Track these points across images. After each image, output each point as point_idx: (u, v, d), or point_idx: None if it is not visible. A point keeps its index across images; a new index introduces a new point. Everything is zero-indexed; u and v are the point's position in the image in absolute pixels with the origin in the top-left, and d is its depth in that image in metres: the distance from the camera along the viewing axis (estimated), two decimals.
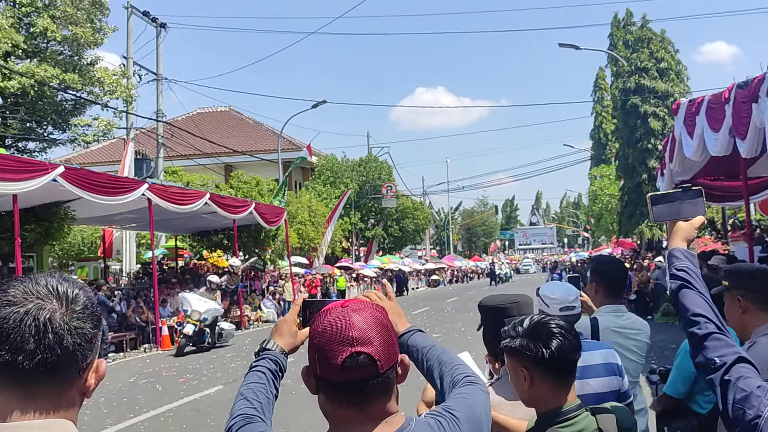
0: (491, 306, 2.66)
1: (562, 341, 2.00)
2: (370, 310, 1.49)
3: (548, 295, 3.24)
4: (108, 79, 24.90)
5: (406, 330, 1.85)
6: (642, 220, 24.27)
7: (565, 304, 3.22)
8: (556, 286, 3.29)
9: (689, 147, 13.95)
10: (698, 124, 12.97)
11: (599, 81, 51.24)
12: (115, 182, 16.08)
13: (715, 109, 11.98)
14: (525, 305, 2.62)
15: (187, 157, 35.24)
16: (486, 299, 2.74)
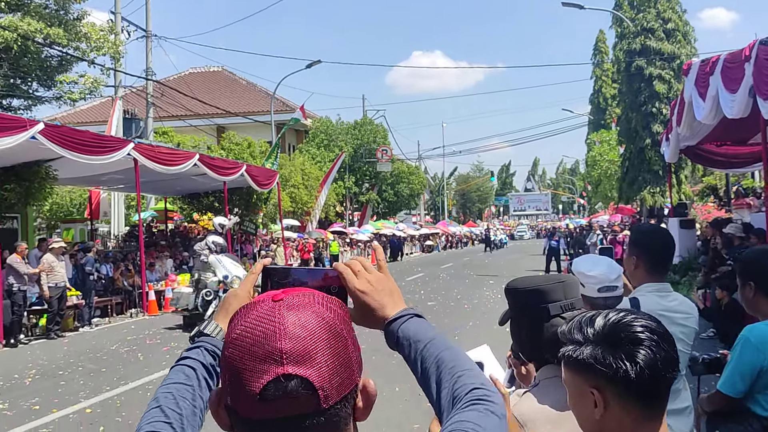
0: (527, 288, 1.99)
1: (654, 353, 1.35)
2: (316, 307, 0.99)
3: (584, 272, 2.63)
4: (95, 35, 23.97)
5: (398, 314, 1.30)
6: (644, 186, 23.65)
7: (606, 283, 2.61)
8: (595, 260, 2.68)
9: (701, 109, 13.33)
10: (712, 85, 12.32)
11: (599, 44, 50.19)
12: (98, 141, 15.36)
13: (732, 69, 11.32)
14: (572, 286, 1.99)
15: (179, 117, 34.41)
16: (517, 281, 2.05)
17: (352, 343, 1.00)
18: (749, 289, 2.86)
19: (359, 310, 1.33)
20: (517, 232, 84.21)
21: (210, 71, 46.58)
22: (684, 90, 14.92)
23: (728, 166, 20.35)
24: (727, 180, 24.01)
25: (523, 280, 2.04)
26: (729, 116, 11.44)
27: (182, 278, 19.45)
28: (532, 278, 2.03)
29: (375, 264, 1.41)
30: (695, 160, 21.30)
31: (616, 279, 2.60)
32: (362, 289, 1.32)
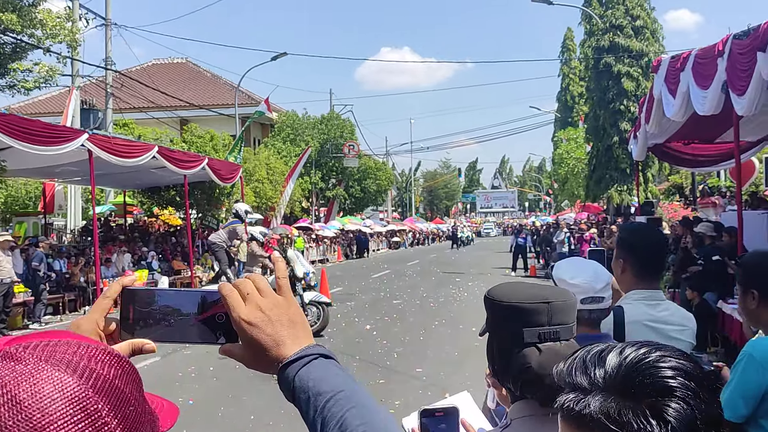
0: (504, 303, 1.61)
1: (691, 407, 0.88)
2: (68, 367, 0.64)
3: (566, 280, 2.23)
4: (51, 22, 23.05)
5: (297, 354, 0.97)
6: (611, 184, 23.56)
7: (590, 293, 2.22)
8: (579, 266, 2.28)
9: (671, 106, 13.09)
10: (683, 81, 12.08)
11: (567, 42, 50.32)
12: (50, 131, 14.62)
13: (704, 65, 11.09)
14: (562, 310, 1.58)
15: (140, 109, 33.55)
16: (499, 289, 1.64)
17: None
18: (752, 298, 2.49)
19: (247, 349, 0.98)
20: (483, 229, 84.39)
21: (173, 63, 45.64)
22: (653, 87, 14.71)
23: (695, 165, 20.30)
24: (693, 179, 24.04)
25: (504, 290, 1.64)
26: (700, 113, 11.20)
27: (139, 274, 18.81)
28: (516, 289, 1.63)
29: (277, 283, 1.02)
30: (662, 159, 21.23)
31: (603, 288, 2.21)
32: (250, 319, 0.97)
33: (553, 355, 1.53)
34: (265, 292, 1.01)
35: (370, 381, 8.03)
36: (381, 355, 9.64)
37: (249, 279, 1.03)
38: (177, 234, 24.45)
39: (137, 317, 0.99)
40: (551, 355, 1.53)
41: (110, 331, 0.98)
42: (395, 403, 7.03)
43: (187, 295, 1.02)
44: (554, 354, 1.53)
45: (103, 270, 17.50)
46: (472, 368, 8.60)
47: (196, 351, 10.20)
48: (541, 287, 1.64)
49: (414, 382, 7.95)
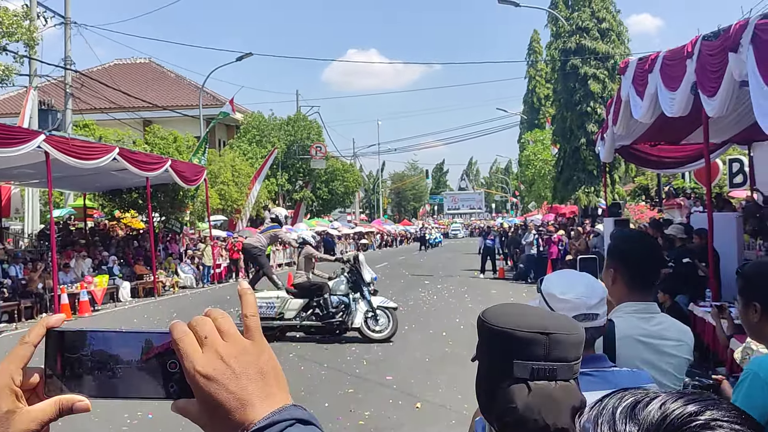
0: (496, 328, 1.36)
1: None
2: None
3: (556, 295, 2.00)
4: (7, 20, 22.43)
5: (269, 419, 0.72)
6: (579, 185, 23.61)
7: (583, 310, 1.98)
8: (571, 279, 2.05)
9: (638, 108, 13.06)
10: (651, 83, 12.04)
11: (534, 44, 50.59)
12: (4, 132, 14.09)
13: (672, 66, 11.03)
14: (564, 342, 1.33)
15: (102, 110, 32.82)
16: (494, 311, 1.41)
17: None
18: (753, 311, 2.29)
19: (204, 406, 0.74)
20: (451, 231, 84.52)
21: (136, 63, 44.81)
22: (620, 89, 14.71)
23: (661, 167, 20.42)
24: (659, 180, 24.21)
25: (499, 312, 1.40)
26: (668, 114, 11.15)
27: (99, 280, 18.30)
28: (513, 312, 1.38)
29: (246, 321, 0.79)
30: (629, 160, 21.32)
31: (597, 304, 1.98)
32: (208, 371, 0.74)
33: (545, 397, 1.29)
34: (229, 335, 0.78)
35: (338, 390, 7.77)
36: (350, 362, 9.38)
37: (210, 316, 0.79)
38: (139, 238, 23.88)
39: (67, 366, 0.76)
40: (542, 397, 1.29)
41: (31, 385, 0.76)
42: (365, 414, 6.77)
43: (129, 337, 0.79)
44: (546, 396, 1.29)
45: (61, 276, 16.97)
46: (443, 375, 8.40)
47: None
48: (544, 314, 1.39)
49: (384, 391, 7.70)
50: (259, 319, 0.83)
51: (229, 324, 0.80)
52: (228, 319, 0.80)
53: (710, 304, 7.72)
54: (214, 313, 0.81)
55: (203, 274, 24.35)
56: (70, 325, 0.79)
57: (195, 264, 24.27)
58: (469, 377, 6.19)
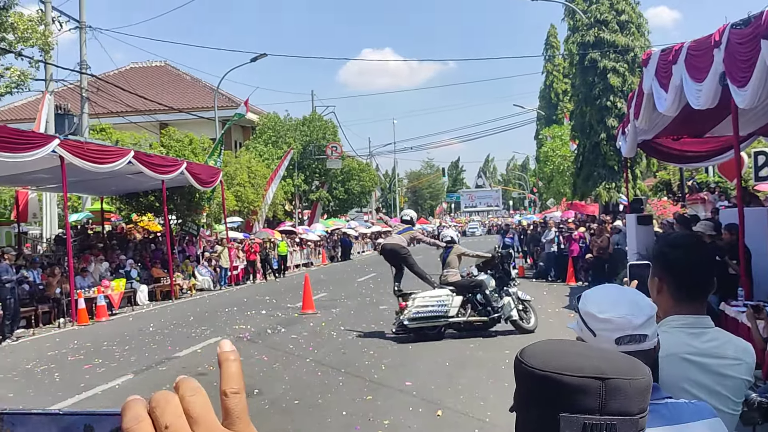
0: (541, 373, 1.07)
1: None
2: None
3: (595, 314, 1.72)
4: (22, 25, 22.45)
5: None
6: (599, 181, 23.17)
7: (628, 331, 1.70)
8: (613, 296, 1.76)
9: (663, 101, 12.70)
10: (675, 75, 11.68)
11: (551, 39, 50.02)
12: (18, 137, 14.02)
13: (697, 56, 10.68)
14: (626, 390, 1.05)
15: (118, 114, 32.85)
16: (535, 349, 1.13)
17: None
18: None
19: None
20: (468, 229, 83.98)
21: (152, 66, 44.90)
22: (642, 81, 14.35)
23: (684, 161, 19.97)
24: (681, 175, 23.74)
25: (540, 351, 1.12)
26: (695, 107, 10.81)
27: (117, 283, 18.21)
28: (559, 350, 1.11)
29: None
30: (651, 155, 20.91)
31: (644, 324, 1.70)
32: None
33: None
34: (201, 424, 0.57)
35: (356, 398, 7.53)
36: (368, 367, 9.14)
37: (179, 392, 0.59)
38: (156, 241, 23.81)
39: None
40: None
41: None
42: (384, 423, 6.53)
43: (62, 421, 0.58)
44: None
45: (79, 280, 16.89)
46: (464, 380, 8.14)
47: (174, 367, 9.67)
48: (599, 354, 1.11)
49: (404, 398, 7.44)
50: (245, 397, 0.59)
51: (202, 406, 0.57)
52: (201, 398, 0.57)
53: (743, 304, 7.39)
54: (184, 387, 0.58)
55: (220, 276, 24.22)
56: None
57: (212, 266, 24.16)
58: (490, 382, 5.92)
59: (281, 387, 8.13)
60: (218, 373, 0.61)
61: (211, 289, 23.01)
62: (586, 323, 1.73)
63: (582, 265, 19.51)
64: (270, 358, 9.96)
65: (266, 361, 9.76)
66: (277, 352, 10.46)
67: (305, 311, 15.08)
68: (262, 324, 13.75)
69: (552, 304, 15.36)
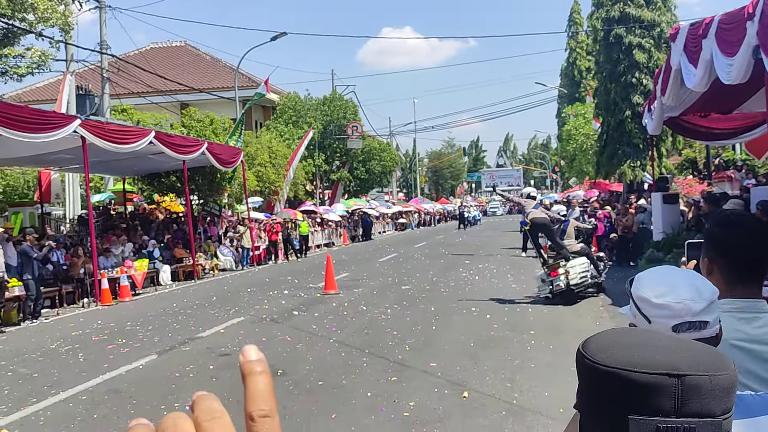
0: (606, 368, 0.94)
1: None
2: None
3: (650, 299, 1.59)
4: (42, 6, 22.44)
5: None
6: (624, 160, 22.81)
7: (687, 317, 1.56)
8: (670, 278, 1.62)
9: (692, 76, 12.42)
10: (705, 49, 11.40)
11: (574, 15, 49.30)
12: (39, 117, 14.01)
13: (729, 30, 10.39)
14: (706, 387, 0.92)
15: (139, 94, 32.91)
16: (600, 341, 1.00)
17: None
18: None
19: None
20: (490, 209, 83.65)
21: (172, 46, 44.90)
22: (670, 57, 14.03)
23: (711, 138, 19.62)
24: (708, 152, 23.33)
25: (607, 344, 0.98)
26: (726, 82, 10.53)
27: (140, 264, 18.28)
28: (628, 342, 0.97)
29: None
30: (677, 132, 20.52)
31: (704, 309, 1.56)
32: None
33: None
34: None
35: (381, 379, 7.46)
36: (392, 347, 9.05)
37: (196, 413, 0.52)
38: (179, 221, 23.88)
39: None
40: None
41: None
42: (409, 404, 6.44)
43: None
44: None
45: (102, 260, 16.97)
46: (490, 361, 8.03)
47: (197, 348, 9.66)
48: (675, 345, 0.98)
49: (429, 379, 7.35)
50: (277, 421, 0.48)
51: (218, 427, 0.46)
52: (222, 424, 0.45)
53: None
54: (202, 409, 0.47)
55: (242, 256, 24.27)
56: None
57: (234, 246, 24.19)
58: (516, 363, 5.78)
59: (305, 368, 8.08)
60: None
61: (233, 269, 23.07)
62: (639, 309, 1.60)
63: (606, 244, 19.26)
64: (293, 339, 9.92)
65: (289, 342, 9.72)
66: (301, 333, 10.41)
67: (327, 291, 15.04)
68: (284, 304, 13.73)
69: None
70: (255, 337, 10.19)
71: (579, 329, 9.75)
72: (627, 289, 1.68)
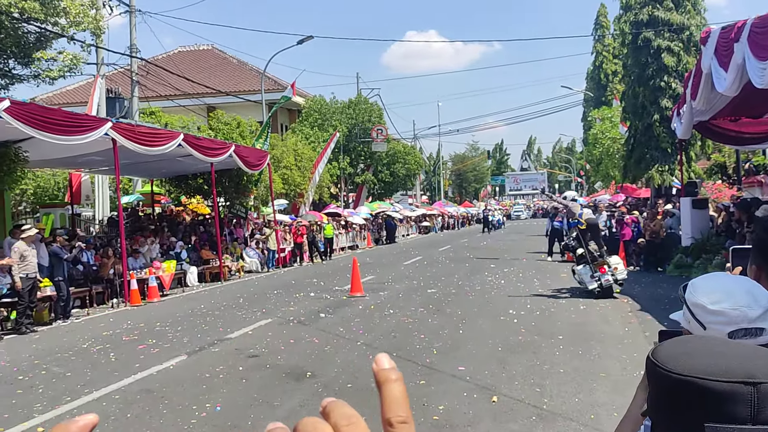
0: (678, 377, 0.95)
1: None
2: None
3: (705, 305, 1.60)
4: (74, 10, 22.79)
5: None
6: (652, 164, 22.60)
7: (743, 324, 1.57)
8: (723, 283, 1.63)
9: (722, 80, 12.31)
10: (737, 53, 11.29)
11: (601, 18, 48.95)
12: (72, 120, 14.24)
13: (762, 34, 10.30)
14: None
15: (167, 97, 33.33)
16: (671, 349, 1.00)
17: None
18: None
19: None
20: (514, 212, 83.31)
21: (199, 50, 45.30)
22: (701, 60, 13.91)
23: (741, 143, 19.41)
24: (737, 157, 23.05)
25: (679, 352, 0.99)
26: (758, 86, 10.44)
27: (167, 265, 18.47)
28: (701, 349, 0.98)
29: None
30: (706, 136, 20.33)
31: (761, 316, 1.56)
32: None
33: None
34: None
35: (410, 382, 7.46)
36: (419, 351, 9.07)
37: (331, 418, 0.54)
38: (205, 223, 24.10)
39: None
40: None
41: None
42: (439, 408, 6.45)
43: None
44: None
45: (131, 261, 17.17)
46: (518, 366, 8.01)
47: (226, 348, 9.74)
48: (748, 352, 0.99)
49: (457, 383, 7.36)
50: (413, 428, 0.51)
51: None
52: (360, 427, 0.48)
53: None
54: (338, 415, 0.50)
55: (268, 258, 24.41)
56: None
57: (260, 248, 24.35)
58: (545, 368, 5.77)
59: (333, 370, 8.12)
60: (277, 356, 0.52)
61: (258, 271, 23.21)
62: (694, 315, 1.61)
63: (634, 249, 19.11)
64: (321, 341, 9.97)
65: (317, 344, 9.77)
66: (328, 335, 10.46)
67: (353, 294, 15.09)
68: (311, 306, 13.80)
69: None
70: (283, 339, 10.26)
71: (607, 335, 9.70)
72: (680, 295, 1.69)
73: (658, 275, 17.17)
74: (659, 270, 17.88)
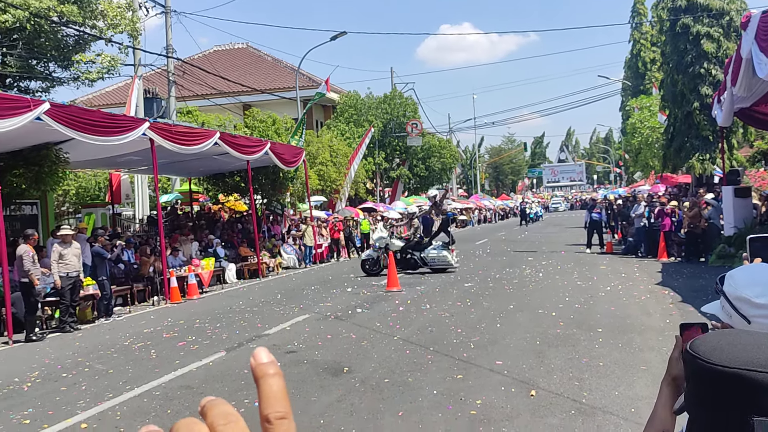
0: (723, 369, 0.92)
1: None
2: None
3: (750, 298, 1.54)
4: (111, 12, 23.18)
5: None
6: (692, 153, 22.14)
7: None
8: (765, 274, 1.59)
9: (763, 65, 12.03)
10: None
11: (638, 5, 48.12)
12: (110, 121, 14.46)
13: None
14: None
15: (203, 96, 33.69)
16: (712, 342, 0.98)
17: None
18: None
19: None
20: (552, 204, 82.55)
21: (234, 48, 45.74)
22: (741, 46, 13.59)
23: None
24: None
25: (721, 344, 0.96)
26: None
27: (206, 262, 18.69)
28: (744, 342, 0.94)
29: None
30: (748, 123, 19.86)
31: None
32: None
33: None
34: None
35: (447, 376, 7.45)
36: (456, 345, 9.03)
37: (211, 418, 0.53)
38: (243, 220, 24.34)
39: None
40: None
41: None
42: (476, 403, 6.41)
43: None
44: None
45: (170, 259, 17.40)
46: (557, 360, 7.93)
47: (264, 344, 9.80)
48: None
49: (495, 377, 7.31)
50: (293, 424, 0.49)
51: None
52: (239, 426, 0.46)
53: None
54: (215, 414, 0.49)
55: (305, 254, 24.55)
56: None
57: (297, 245, 24.49)
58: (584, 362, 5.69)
59: (370, 365, 8.13)
60: (315, 352, 0.51)
61: (296, 267, 23.36)
62: (736, 308, 1.56)
63: (674, 240, 18.78)
64: (357, 336, 10.00)
65: (354, 339, 9.79)
66: (365, 330, 10.48)
67: (390, 289, 15.10)
68: (348, 301, 13.84)
69: (644, 281, 14.82)
70: (320, 334, 10.31)
71: (648, 327, 9.55)
72: (717, 287, 1.64)
73: (700, 266, 16.86)
74: (701, 260, 17.55)
